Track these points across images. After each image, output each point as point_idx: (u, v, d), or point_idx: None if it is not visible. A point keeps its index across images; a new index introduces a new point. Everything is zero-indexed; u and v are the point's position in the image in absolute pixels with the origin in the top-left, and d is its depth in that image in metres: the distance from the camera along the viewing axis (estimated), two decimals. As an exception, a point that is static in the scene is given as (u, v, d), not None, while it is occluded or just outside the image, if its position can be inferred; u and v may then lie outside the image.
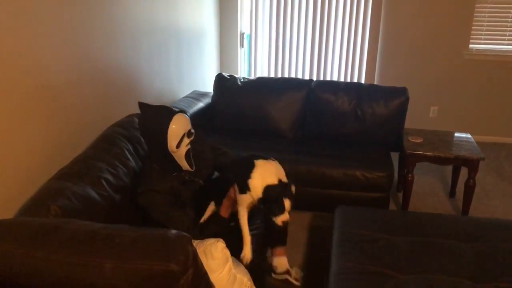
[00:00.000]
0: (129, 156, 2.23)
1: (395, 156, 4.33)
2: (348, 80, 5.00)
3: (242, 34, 5.09)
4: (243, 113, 3.69)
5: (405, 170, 3.17)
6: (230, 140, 3.52)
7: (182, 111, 2.09)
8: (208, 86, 4.66)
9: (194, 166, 2.16)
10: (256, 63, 5.13)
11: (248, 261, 2.01)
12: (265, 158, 2.11)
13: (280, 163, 2.16)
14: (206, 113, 3.73)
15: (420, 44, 4.76)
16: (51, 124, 2.15)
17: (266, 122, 3.64)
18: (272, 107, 3.63)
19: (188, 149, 2.09)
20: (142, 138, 2.17)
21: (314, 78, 5.03)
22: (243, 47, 5.16)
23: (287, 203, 1.96)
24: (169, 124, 1.98)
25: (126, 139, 2.31)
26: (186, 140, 2.05)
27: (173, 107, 2.10)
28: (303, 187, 3.16)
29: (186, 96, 3.78)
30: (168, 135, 1.98)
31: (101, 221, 1.81)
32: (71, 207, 1.75)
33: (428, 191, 3.76)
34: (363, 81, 4.98)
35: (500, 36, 4.62)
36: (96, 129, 2.54)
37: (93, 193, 1.89)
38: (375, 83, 4.95)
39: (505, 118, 4.87)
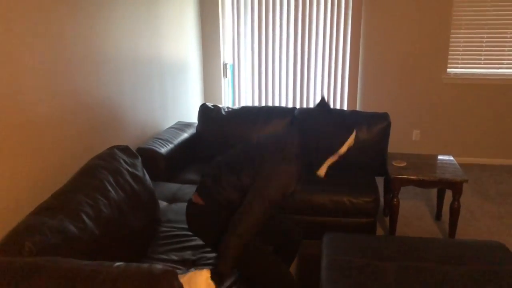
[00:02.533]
0: (110, 188, 2.19)
1: (380, 181, 4.35)
2: (331, 107, 5.05)
3: (225, 64, 5.15)
4: (228, 142, 3.69)
5: (391, 195, 3.18)
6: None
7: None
8: (192, 116, 4.67)
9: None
10: (239, 93, 5.17)
11: None
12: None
13: None
14: (191, 143, 3.72)
15: (399, 70, 4.87)
16: (34, 158, 2.12)
17: (251, 151, 3.63)
18: (257, 135, 3.64)
19: None
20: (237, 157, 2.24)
21: (297, 106, 5.08)
22: (226, 77, 5.21)
23: None
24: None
25: (107, 171, 2.27)
26: None
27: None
28: (290, 214, 3.15)
29: (171, 127, 3.78)
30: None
31: (81, 255, 1.76)
32: (47, 243, 1.69)
33: (415, 215, 3.76)
34: (345, 108, 5.05)
35: (476, 60, 4.76)
36: (80, 162, 2.51)
37: (71, 227, 1.83)
38: (357, 109, 5.02)
39: (485, 139, 4.95)
